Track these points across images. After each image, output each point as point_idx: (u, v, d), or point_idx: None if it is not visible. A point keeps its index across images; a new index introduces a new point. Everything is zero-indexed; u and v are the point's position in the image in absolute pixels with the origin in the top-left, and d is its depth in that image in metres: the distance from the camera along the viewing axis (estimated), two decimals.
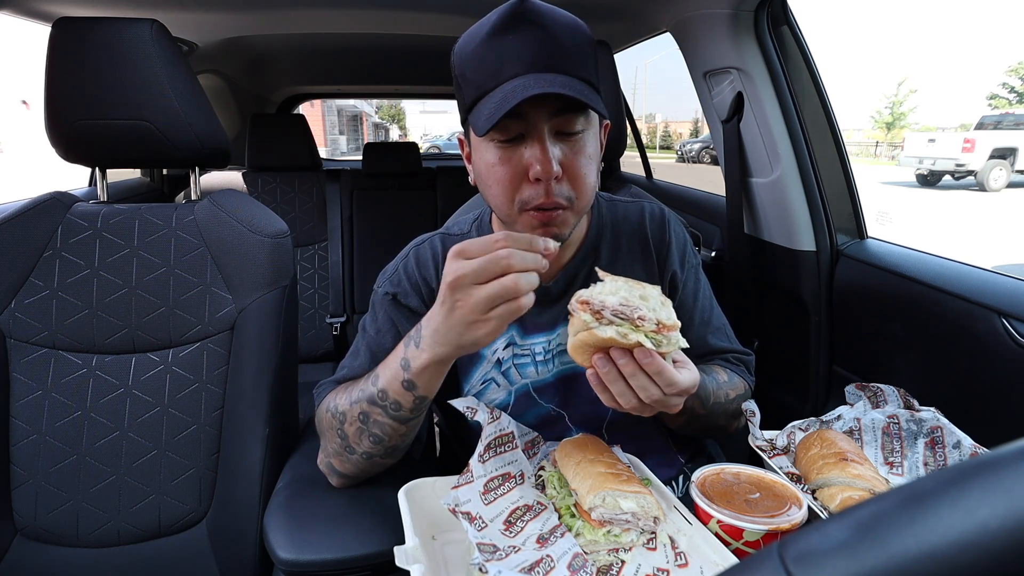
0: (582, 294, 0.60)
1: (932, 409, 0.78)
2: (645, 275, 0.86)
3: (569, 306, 0.61)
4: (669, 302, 0.60)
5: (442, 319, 0.61)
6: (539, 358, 0.83)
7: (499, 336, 0.60)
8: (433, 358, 0.64)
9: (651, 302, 0.59)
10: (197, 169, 1.07)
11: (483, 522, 0.62)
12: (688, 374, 0.62)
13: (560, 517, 0.65)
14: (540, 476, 0.71)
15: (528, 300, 0.58)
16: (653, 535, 0.64)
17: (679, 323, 0.60)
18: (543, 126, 0.68)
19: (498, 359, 0.83)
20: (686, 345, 0.61)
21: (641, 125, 7.57)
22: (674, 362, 0.62)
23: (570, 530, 0.63)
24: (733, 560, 0.58)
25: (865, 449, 0.78)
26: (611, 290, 0.59)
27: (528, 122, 0.67)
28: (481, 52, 0.68)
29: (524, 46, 0.66)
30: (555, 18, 0.67)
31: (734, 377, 0.86)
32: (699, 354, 0.89)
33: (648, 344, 0.57)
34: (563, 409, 0.85)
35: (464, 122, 0.75)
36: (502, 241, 0.58)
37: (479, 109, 0.68)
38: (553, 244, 0.60)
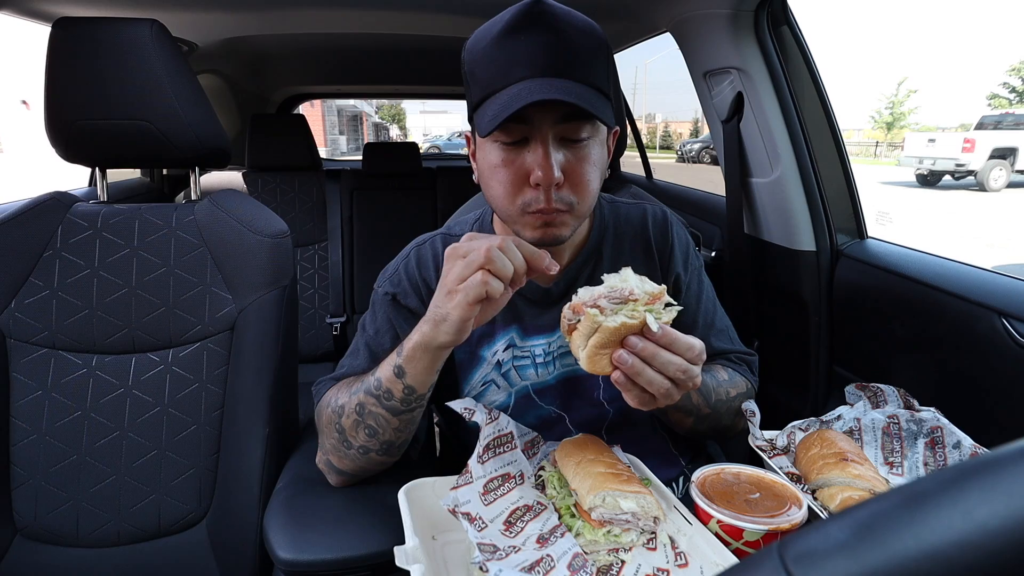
0: (569, 306, 0.61)
1: (932, 409, 0.78)
2: (648, 277, 0.85)
3: (566, 320, 0.61)
4: (644, 276, 0.61)
5: (436, 292, 0.63)
6: (539, 360, 0.83)
7: (469, 318, 0.61)
8: (421, 339, 0.64)
9: (631, 280, 0.60)
10: (197, 169, 1.07)
11: (483, 522, 0.62)
12: (693, 338, 0.62)
13: (560, 517, 0.65)
14: (540, 476, 0.71)
15: (495, 286, 0.58)
16: (653, 535, 0.64)
17: (664, 286, 0.61)
18: (547, 131, 0.67)
19: (498, 361, 0.83)
20: (680, 307, 0.61)
21: (641, 125, 7.58)
22: None
23: (570, 530, 0.63)
24: (733, 560, 0.57)
25: (865, 449, 0.78)
26: (592, 287, 0.61)
27: (533, 126, 0.67)
28: (491, 51, 0.67)
29: (535, 49, 0.65)
30: (570, 21, 0.66)
31: (735, 376, 0.86)
32: None
33: (653, 319, 0.58)
34: (564, 411, 0.84)
35: (471, 119, 0.75)
36: (508, 238, 0.60)
37: (484, 109, 0.68)
38: (556, 268, 0.62)
